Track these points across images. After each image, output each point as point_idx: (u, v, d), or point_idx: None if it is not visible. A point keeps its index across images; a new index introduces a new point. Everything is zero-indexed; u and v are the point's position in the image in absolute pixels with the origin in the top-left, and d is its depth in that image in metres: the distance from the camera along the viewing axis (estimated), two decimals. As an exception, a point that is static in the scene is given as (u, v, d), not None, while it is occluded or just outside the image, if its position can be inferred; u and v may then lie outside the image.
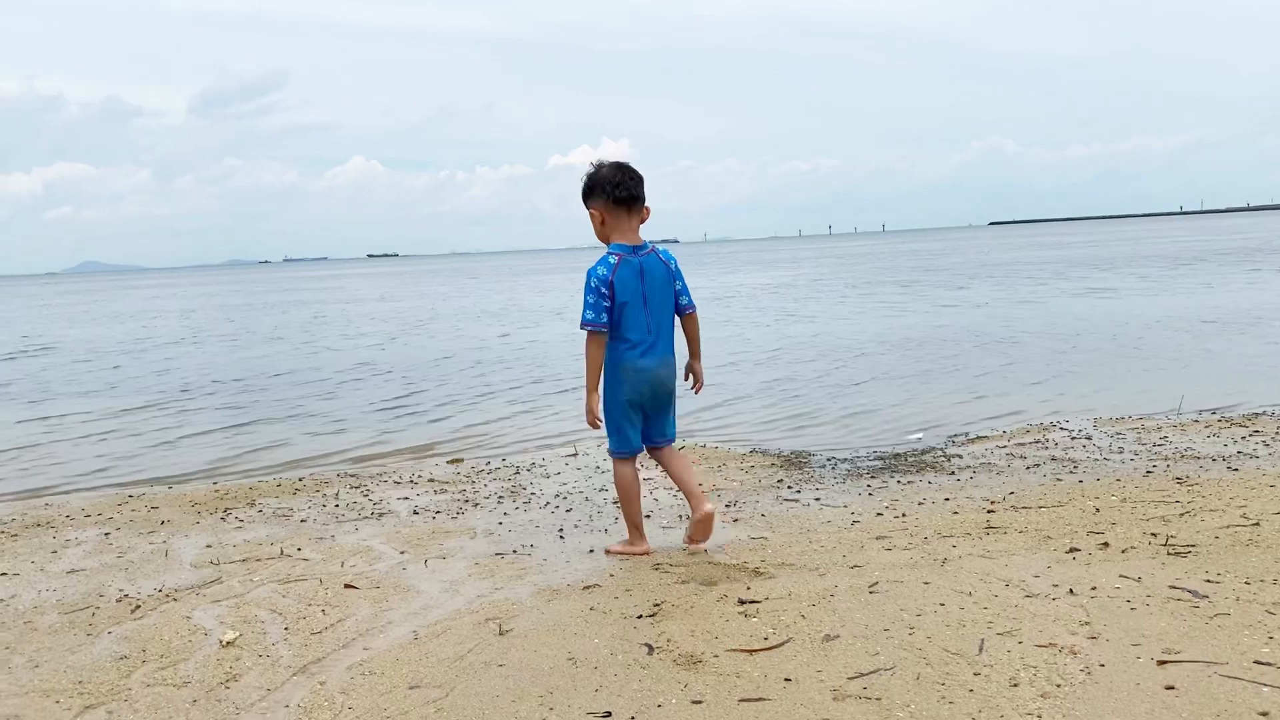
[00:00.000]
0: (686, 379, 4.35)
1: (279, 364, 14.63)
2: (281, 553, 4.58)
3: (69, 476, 7.11)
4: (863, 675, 2.88)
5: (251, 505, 5.65)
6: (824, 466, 6.08)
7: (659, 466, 4.44)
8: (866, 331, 15.09)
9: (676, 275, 4.21)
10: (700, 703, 2.76)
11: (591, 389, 4.11)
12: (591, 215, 4.13)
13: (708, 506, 4.26)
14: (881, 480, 5.59)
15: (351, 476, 6.42)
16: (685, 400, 4.52)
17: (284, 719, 2.82)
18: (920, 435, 7.05)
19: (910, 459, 6.16)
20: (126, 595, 4.06)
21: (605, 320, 4.02)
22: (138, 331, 23.74)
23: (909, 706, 2.66)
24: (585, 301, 4.05)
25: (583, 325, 4.06)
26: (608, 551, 4.36)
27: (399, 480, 6.21)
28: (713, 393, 9.69)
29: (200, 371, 13.93)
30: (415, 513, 5.29)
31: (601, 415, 4.15)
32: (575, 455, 6.78)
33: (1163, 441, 6.27)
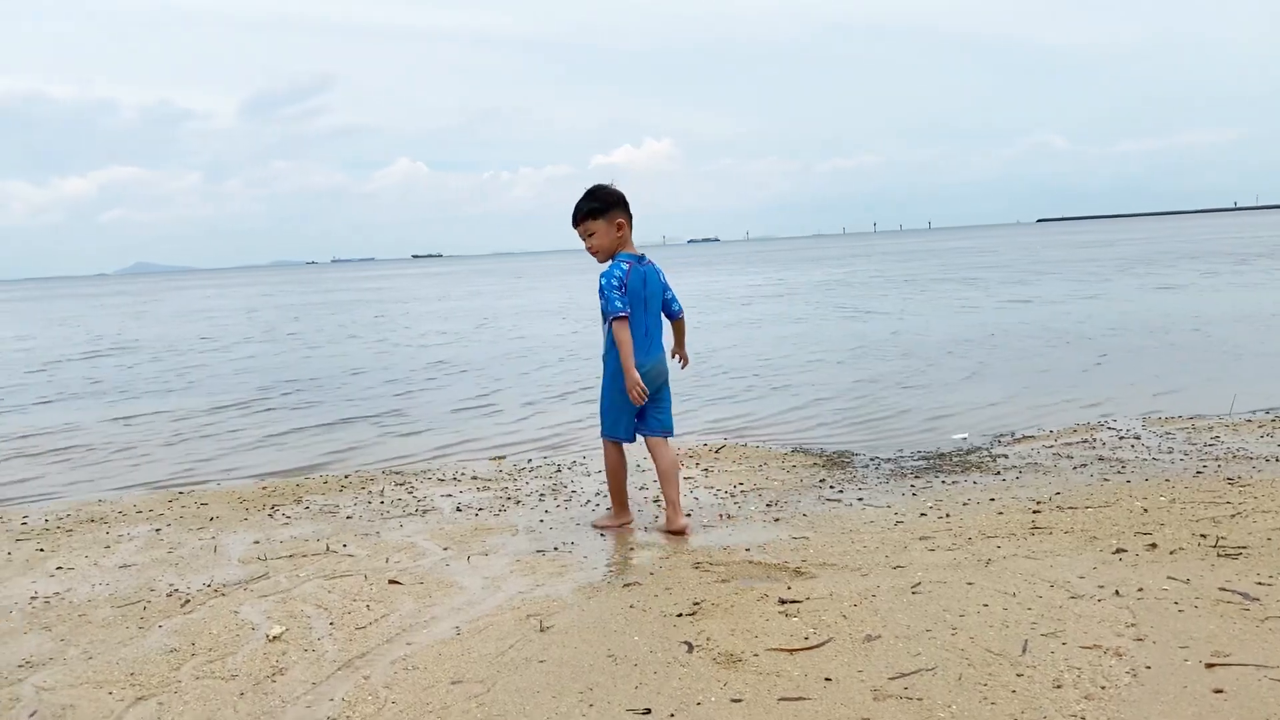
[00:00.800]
0: (673, 358, 4.85)
1: (356, 361, 14.54)
2: (327, 549, 4.64)
3: (162, 476, 7.25)
4: (904, 675, 2.86)
5: (298, 502, 5.73)
6: (867, 466, 6.04)
7: (651, 459, 4.77)
8: (949, 328, 14.80)
9: (665, 285, 4.71)
10: (740, 701, 2.77)
11: (629, 365, 4.41)
12: (618, 225, 4.49)
13: (682, 522, 4.64)
14: (925, 480, 5.54)
15: (396, 474, 6.49)
16: (769, 399, 4.50)
17: (328, 712, 2.86)
18: (965, 435, 6.98)
19: (955, 459, 6.11)
20: (176, 590, 4.14)
21: (629, 308, 4.44)
22: (208, 330, 24.02)
23: (950, 707, 2.65)
24: (608, 296, 4.43)
25: (613, 315, 4.41)
26: (594, 525, 4.81)
27: (442, 478, 6.27)
28: (794, 394, 9.67)
29: (280, 370, 13.77)
30: (458, 510, 5.34)
31: (643, 388, 4.44)
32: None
33: (1214, 442, 6.15)
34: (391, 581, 4.06)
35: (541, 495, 5.60)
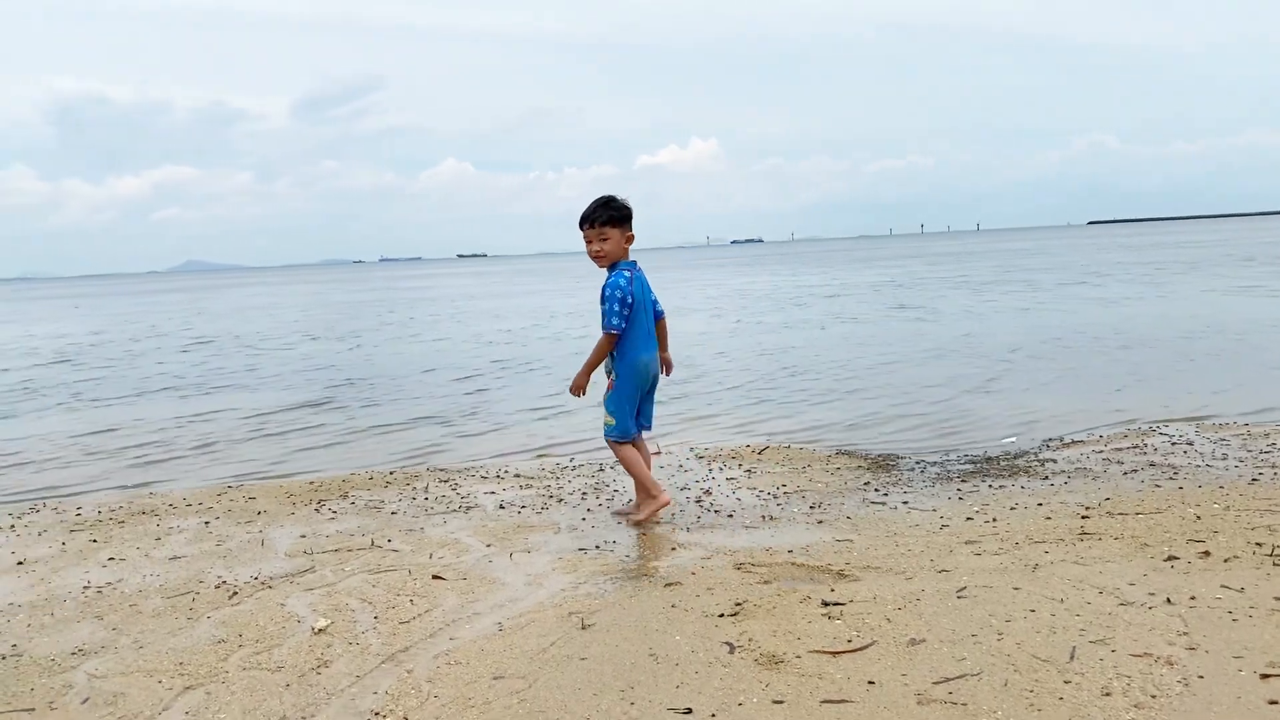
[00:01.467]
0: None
1: (421, 359, 14.57)
2: (372, 544, 4.69)
3: (249, 471, 7.37)
4: (949, 680, 2.83)
5: (344, 497, 5.79)
6: (913, 470, 5.98)
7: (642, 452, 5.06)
8: (1015, 329, 14.59)
9: (649, 289, 5.05)
10: (782, 702, 2.75)
11: (588, 372, 4.81)
12: (628, 237, 4.83)
13: (665, 497, 4.95)
14: (972, 484, 5.48)
15: (440, 471, 6.54)
16: (839, 403, 4.46)
17: (372, 705, 2.89)
18: (1014, 438, 6.89)
19: (1002, 463, 6.03)
20: (224, 582, 4.20)
21: (625, 326, 4.79)
22: (270, 327, 24.33)
23: (996, 713, 2.61)
24: (611, 310, 4.74)
25: (611, 329, 4.75)
26: (637, 522, 4.88)
27: (485, 475, 6.30)
28: (877, 398, 9.62)
29: (350, 368, 13.80)
30: (501, 507, 5.37)
31: (587, 389, 4.84)
32: (658, 454, 6.80)
33: (1270, 448, 6.02)
34: (435, 577, 4.09)
35: (583, 494, 5.61)
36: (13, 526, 5.44)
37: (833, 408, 8.72)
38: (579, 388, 4.80)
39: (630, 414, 4.92)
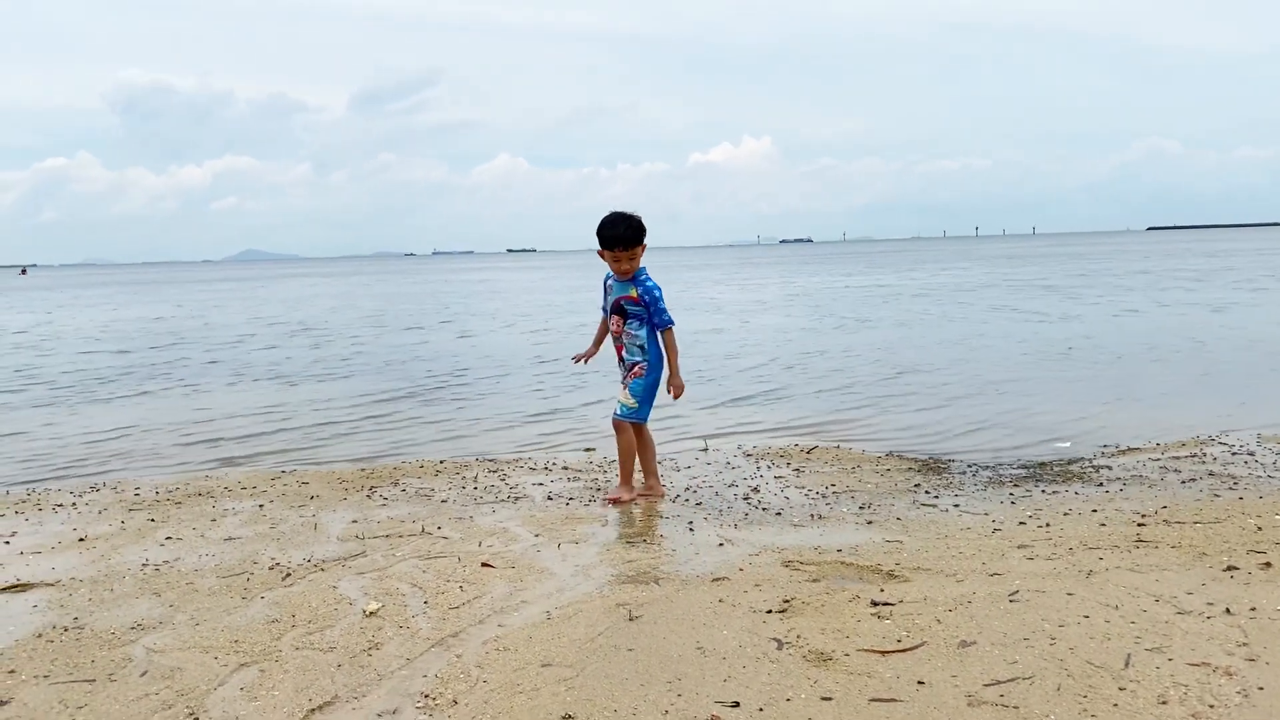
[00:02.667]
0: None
1: (539, 350, 14.59)
2: (423, 530, 4.74)
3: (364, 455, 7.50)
4: (1000, 683, 2.80)
5: (395, 485, 5.86)
6: (964, 473, 5.92)
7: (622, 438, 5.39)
8: (1124, 333, 14.33)
9: None
10: (830, 700, 2.74)
11: (679, 370, 5.25)
12: (643, 249, 5.16)
13: (635, 496, 5.35)
14: (1025, 489, 5.40)
15: (490, 461, 6.59)
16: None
17: (422, 688, 2.92)
18: (1068, 444, 6.79)
19: (1056, 468, 5.94)
20: (278, 563, 4.27)
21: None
22: (348, 317, 24.61)
23: (1048, 717, 2.58)
24: (663, 307, 5.20)
25: (668, 325, 5.21)
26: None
27: (534, 467, 6.33)
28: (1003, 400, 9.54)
29: (444, 359, 13.88)
30: (549, 498, 5.40)
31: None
32: (705, 450, 6.79)
33: (1335, 461, 5.87)
34: (484, 564, 4.13)
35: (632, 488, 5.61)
36: (74, 504, 5.57)
37: (952, 410, 8.66)
38: (682, 386, 5.20)
39: (651, 402, 5.30)
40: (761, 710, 2.68)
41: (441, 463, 6.59)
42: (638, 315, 5.19)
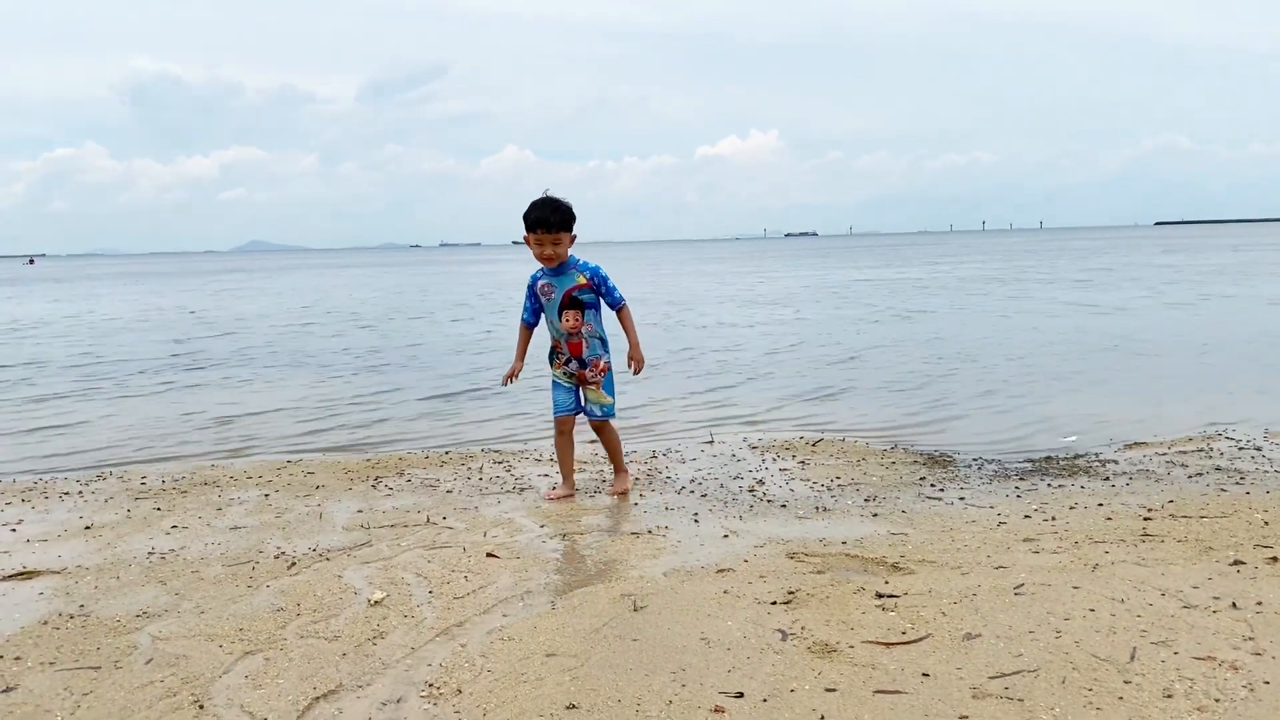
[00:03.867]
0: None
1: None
2: (428, 520, 4.74)
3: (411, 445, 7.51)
4: (1005, 675, 2.80)
5: (401, 475, 5.86)
6: (969, 466, 5.91)
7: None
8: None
9: None
10: (834, 691, 2.74)
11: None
12: (572, 239, 5.02)
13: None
14: (1030, 483, 5.39)
15: (495, 452, 6.59)
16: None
17: (426, 677, 2.93)
18: (1075, 438, 6.77)
19: (1062, 462, 5.93)
20: (283, 553, 4.28)
21: None
22: (410, 307, 24.58)
23: (1054, 710, 2.58)
24: (613, 286, 5.12)
25: (623, 303, 5.14)
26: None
27: (539, 458, 6.34)
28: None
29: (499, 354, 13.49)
30: (554, 489, 5.39)
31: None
32: (711, 443, 6.79)
33: (1343, 456, 5.84)
34: (489, 555, 4.13)
35: (635, 479, 5.62)
36: (80, 493, 5.59)
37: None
38: (642, 362, 5.16)
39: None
40: (765, 701, 2.68)
41: (447, 453, 6.60)
42: (592, 304, 5.10)
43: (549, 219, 4.93)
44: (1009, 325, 15.39)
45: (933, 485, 5.38)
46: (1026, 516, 4.64)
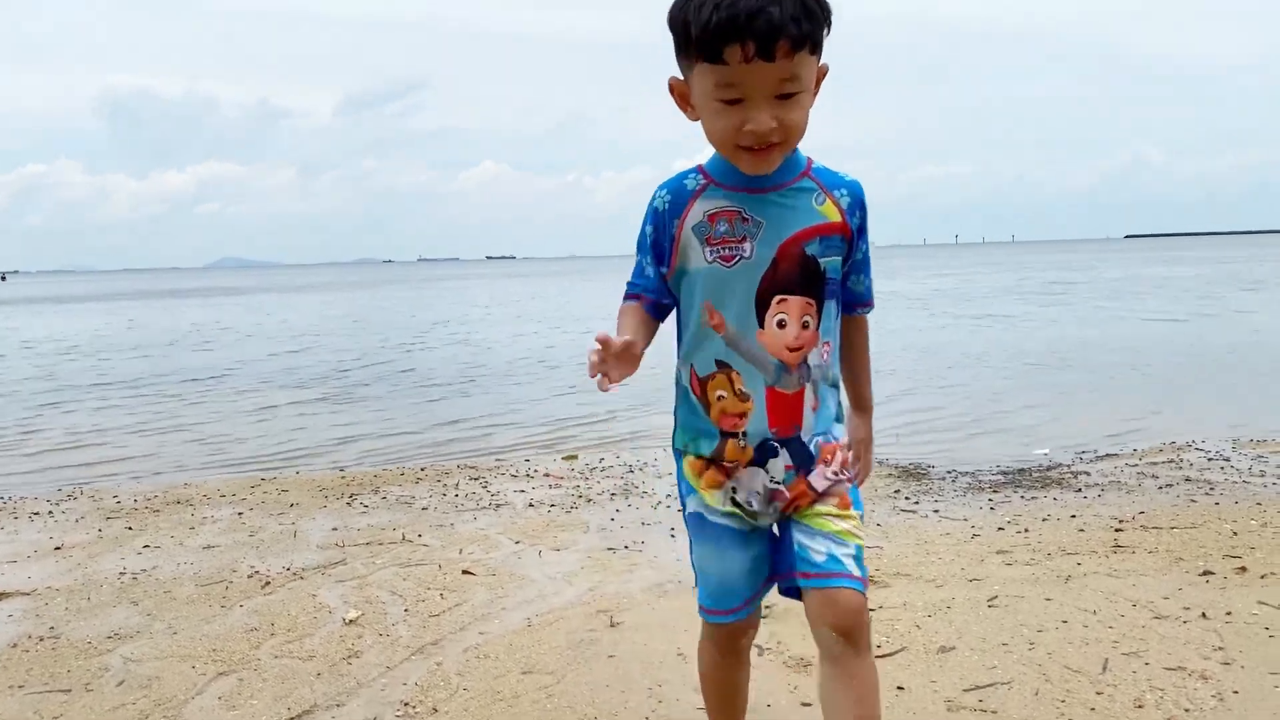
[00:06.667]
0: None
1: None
2: (403, 538, 4.72)
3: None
4: (979, 688, 2.82)
5: (375, 492, 5.84)
6: (943, 479, 5.95)
7: None
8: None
9: None
10: (810, 705, 2.75)
11: None
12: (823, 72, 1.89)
13: None
14: (1004, 495, 5.43)
15: (471, 468, 6.57)
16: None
17: (402, 696, 2.92)
18: (1047, 451, 6.83)
19: (1035, 474, 5.98)
20: (257, 571, 4.24)
21: None
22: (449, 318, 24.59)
23: (1027, 721, 2.60)
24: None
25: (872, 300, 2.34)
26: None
27: (515, 474, 6.33)
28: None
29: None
30: (531, 505, 5.39)
31: None
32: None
33: (1310, 466, 5.93)
34: (465, 572, 4.12)
35: (612, 494, 5.62)
36: (50, 512, 5.53)
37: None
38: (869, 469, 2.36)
39: None
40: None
41: (423, 470, 6.58)
42: (835, 282, 2.01)
43: (779, 20, 1.73)
44: (985, 338, 15.52)
45: (907, 498, 5.41)
46: (1000, 529, 4.68)
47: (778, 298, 1.91)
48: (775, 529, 2.07)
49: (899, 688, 2.84)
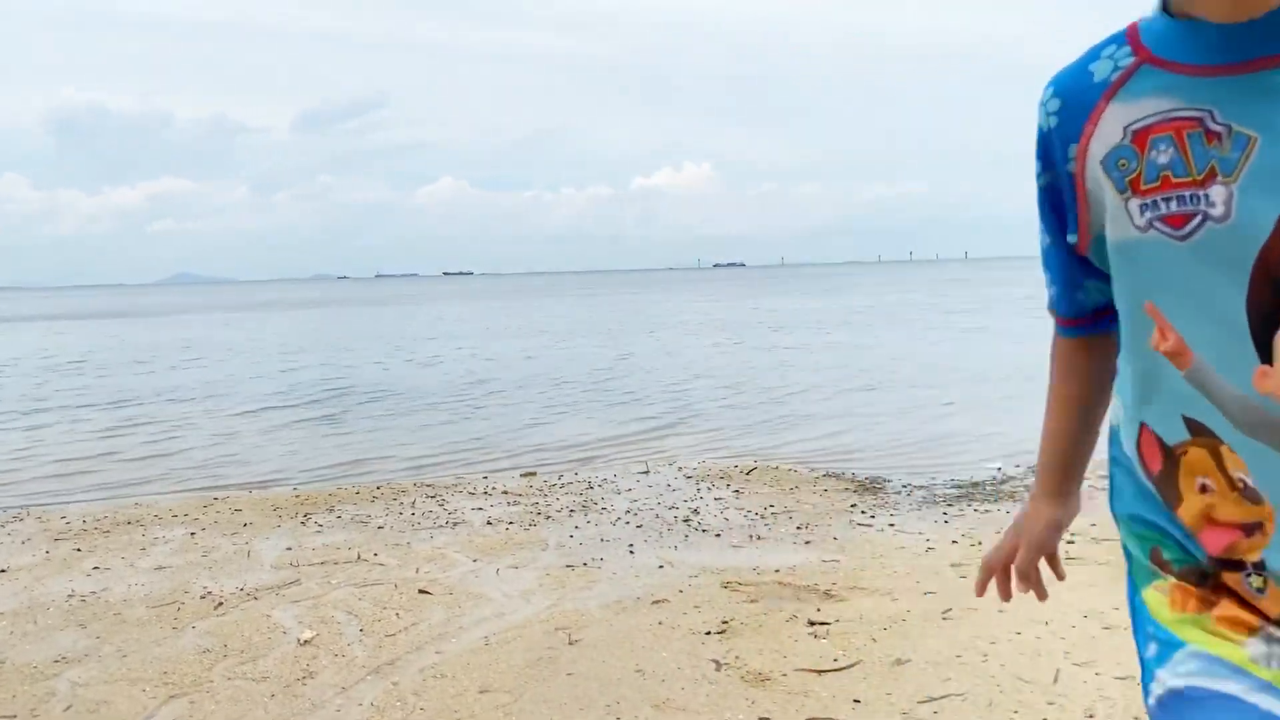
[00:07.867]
0: None
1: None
2: (359, 557, 4.68)
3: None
4: (933, 700, 2.84)
5: (330, 511, 5.78)
6: (899, 493, 6.01)
7: None
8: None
9: None
10: (768, 719, 2.76)
11: None
12: None
13: None
14: (959, 508, 5.50)
15: (428, 486, 6.53)
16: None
17: (358, 716, 2.89)
18: (999, 465, 6.92)
19: (988, 488, 6.06)
20: (210, 592, 4.18)
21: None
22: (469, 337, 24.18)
23: (980, 733, 2.63)
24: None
25: None
26: None
27: (473, 491, 6.30)
28: (828, 419, 9.64)
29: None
30: (489, 523, 5.36)
31: None
32: (647, 473, 6.80)
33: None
34: (421, 591, 4.09)
35: (571, 511, 5.61)
36: (-4, 534, 5.41)
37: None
38: None
39: None
40: (700, 732, 2.70)
41: (378, 488, 6.52)
42: None
43: None
44: (938, 351, 15.70)
45: (863, 512, 5.45)
46: (954, 541, 4.73)
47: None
48: None
49: (855, 700, 2.86)
